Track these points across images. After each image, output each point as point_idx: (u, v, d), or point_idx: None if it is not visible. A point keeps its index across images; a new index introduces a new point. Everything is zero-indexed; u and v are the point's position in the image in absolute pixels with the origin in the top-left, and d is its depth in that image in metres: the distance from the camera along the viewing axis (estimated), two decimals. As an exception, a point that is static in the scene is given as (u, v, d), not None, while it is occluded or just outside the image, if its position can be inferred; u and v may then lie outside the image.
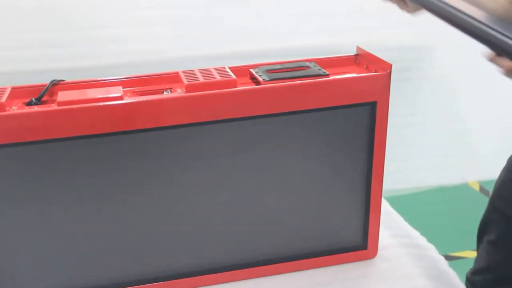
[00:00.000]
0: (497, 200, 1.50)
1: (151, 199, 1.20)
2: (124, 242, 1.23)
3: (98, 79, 1.22)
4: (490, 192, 1.54)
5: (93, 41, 2.93)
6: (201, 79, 1.16)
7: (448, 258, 1.56)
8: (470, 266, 1.47)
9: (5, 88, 1.16)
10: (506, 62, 0.99)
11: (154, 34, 2.99)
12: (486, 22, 0.99)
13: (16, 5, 2.87)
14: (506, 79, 1.06)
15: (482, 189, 3.21)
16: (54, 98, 1.15)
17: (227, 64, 1.25)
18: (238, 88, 1.15)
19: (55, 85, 1.20)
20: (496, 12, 1.08)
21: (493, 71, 1.08)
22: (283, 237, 1.32)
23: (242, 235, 1.29)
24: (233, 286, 1.31)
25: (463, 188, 3.25)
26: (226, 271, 1.30)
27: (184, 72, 1.21)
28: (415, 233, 1.51)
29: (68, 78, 1.23)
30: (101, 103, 1.09)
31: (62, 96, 1.11)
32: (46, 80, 1.20)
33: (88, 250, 1.22)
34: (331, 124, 1.21)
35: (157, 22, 3.01)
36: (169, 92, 1.20)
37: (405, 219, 1.59)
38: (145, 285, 1.28)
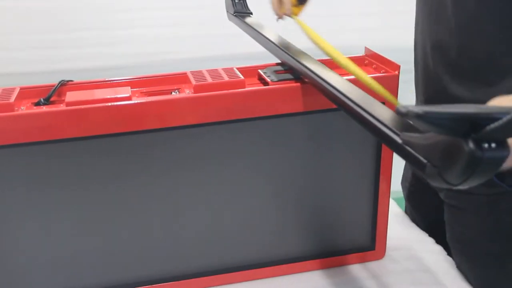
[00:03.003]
0: None
1: (158, 199, 1.20)
2: (131, 242, 1.23)
3: (107, 79, 1.22)
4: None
5: (102, 42, 2.94)
6: (209, 79, 1.16)
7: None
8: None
9: (14, 88, 1.17)
10: None
11: (163, 35, 3.00)
12: None
13: (24, 6, 2.89)
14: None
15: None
16: (63, 98, 1.15)
17: (235, 65, 1.25)
18: (246, 89, 1.15)
19: (64, 86, 1.20)
20: None
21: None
22: (291, 238, 1.31)
23: (251, 236, 1.29)
24: (244, 286, 1.31)
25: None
26: (234, 271, 1.30)
27: (192, 72, 1.21)
28: (423, 234, 1.50)
29: (76, 79, 1.23)
30: (110, 104, 1.09)
31: (70, 96, 1.11)
32: (54, 81, 1.20)
33: (93, 250, 1.22)
34: (339, 124, 1.20)
35: (166, 23, 3.02)
36: (177, 92, 1.20)
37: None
38: (148, 286, 1.28)
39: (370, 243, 1.35)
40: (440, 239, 1.46)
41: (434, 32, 1.26)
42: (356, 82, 1.03)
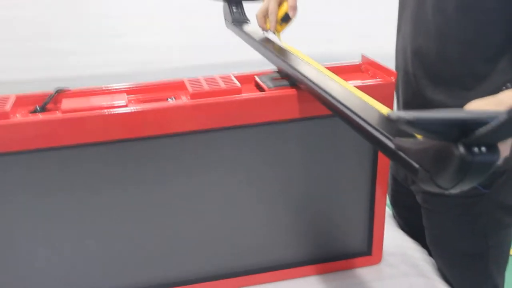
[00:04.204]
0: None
1: (154, 205, 1.20)
2: (127, 247, 1.23)
3: (103, 87, 1.22)
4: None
5: (97, 50, 2.95)
6: (206, 87, 1.16)
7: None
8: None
9: (10, 96, 1.17)
10: None
11: (159, 43, 3.01)
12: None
13: (20, 14, 2.89)
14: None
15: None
16: (59, 106, 1.15)
17: (232, 72, 1.25)
18: (243, 96, 1.15)
19: (60, 93, 1.20)
20: None
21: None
22: (288, 244, 1.32)
23: (248, 241, 1.29)
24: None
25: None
26: (231, 277, 1.31)
27: (189, 80, 1.21)
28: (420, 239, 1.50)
29: (72, 87, 1.23)
30: (106, 111, 1.09)
31: (66, 104, 1.12)
32: (50, 89, 1.20)
33: (88, 256, 1.22)
34: (335, 131, 1.21)
35: (162, 32, 3.02)
36: (174, 99, 1.20)
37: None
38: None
39: (367, 248, 1.35)
40: (423, 243, 1.47)
41: (414, 37, 1.28)
42: (351, 88, 1.03)
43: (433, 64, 1.24)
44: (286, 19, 1.38)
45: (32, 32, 2.90)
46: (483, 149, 0.58)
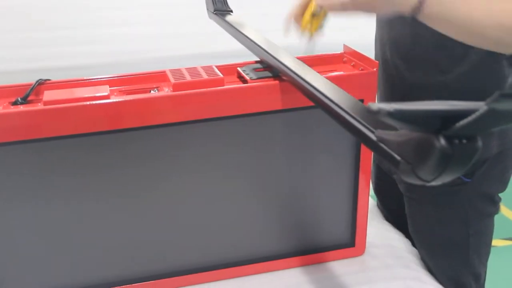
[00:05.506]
0: None
1: (138, 197, 1.20)
2: (109, 241, 1.23)
3: (85, 78, 1.21)
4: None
5: (80, 41, 2.92)
6: (188, 78, 1.15)
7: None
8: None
9: (-9, 88, 1.16)
10: None
11: (141, 33, 2.99)
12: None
13: (1, 5, 2.86)
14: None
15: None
16: (40, 97, 1.14)
17: (215, 63, 1.25)
18: (225, 87, 1.15)
19: (41, 85, 1.19)
20: None
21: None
22: (271, 236, 1.32)
23: (232, 233, 1.29)
24: (225, 284, 1.32)
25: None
26: (215, 269, 1.31)
27: (171, 71, 1.20)
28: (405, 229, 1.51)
29: (54, 78, 1.22)
30: (88, 102, 1.08)
31: (48, 95, 1.11)
32: (32, 80, 1.19)
33: (71, 249, 1.22)
34: (318, 122, 1.20)
35: (144, 21, 3.01)
36: (156, 91, 1.19)
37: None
38: (133, 284, 1.28)
39: (350, 240, 1.36)
40: (407, 233, 1.48)
41: (390, 23, 1.29)
42: (334, 79, 1.03)
43: (410, 49, 1.25)
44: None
45: (14, 22, 2.87)
46: (464, 141, 0.58)
